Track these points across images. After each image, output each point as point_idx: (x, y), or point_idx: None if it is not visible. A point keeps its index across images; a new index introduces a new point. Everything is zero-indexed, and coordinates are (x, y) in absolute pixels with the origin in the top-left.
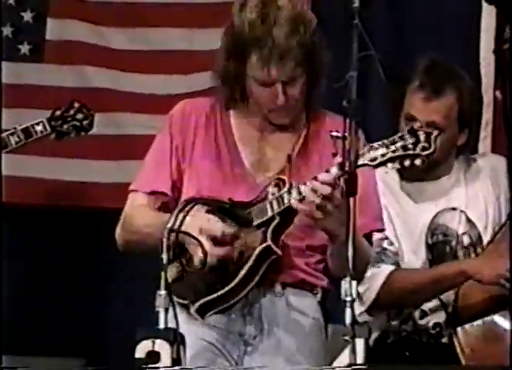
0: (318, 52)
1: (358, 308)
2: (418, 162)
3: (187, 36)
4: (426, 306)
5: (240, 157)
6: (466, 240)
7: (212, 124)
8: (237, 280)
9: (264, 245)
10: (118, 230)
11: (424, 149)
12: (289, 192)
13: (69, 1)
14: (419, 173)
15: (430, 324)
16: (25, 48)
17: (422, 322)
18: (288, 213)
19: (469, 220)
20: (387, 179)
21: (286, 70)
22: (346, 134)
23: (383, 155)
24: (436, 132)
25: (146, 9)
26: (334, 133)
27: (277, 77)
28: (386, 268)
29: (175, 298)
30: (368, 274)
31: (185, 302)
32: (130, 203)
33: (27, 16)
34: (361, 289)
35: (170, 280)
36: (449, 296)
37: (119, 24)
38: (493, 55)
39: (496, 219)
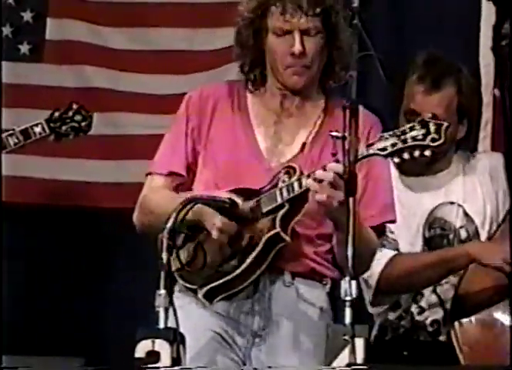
0: (339, 22)
1: (368, 294)
2: (428, 153)
3: (187, 36)
4: (424, 302)
5: (256, 141)
6: (463, 234)
7: (229, 107)
8: (244, 266)
9: (272, 232)
10: (135, 213)
11: (434, 140)
12: (299, 180)
13: (68, 1)
14: (417, 167)
15: (428, 321)
16: (24, 48)
17: (419, 318)
18: (298, 201)
19: (466, 215)
20: None
21: (303, 18)
22: (346, 134)
23: (393, 145)
24: (446, 124)
25: (145, 9)
26: (334, 133)
27: (295, 23)
28: (388, 252)
29: (183, 283)
30: None
31: (193, 287)
32: (148, 185)
33: (27, 16)
34: (365, 275)
35: (178, 265)
36: (446, 292)
37: (119, 24)
38: (492, 54)
39: (494, 214)
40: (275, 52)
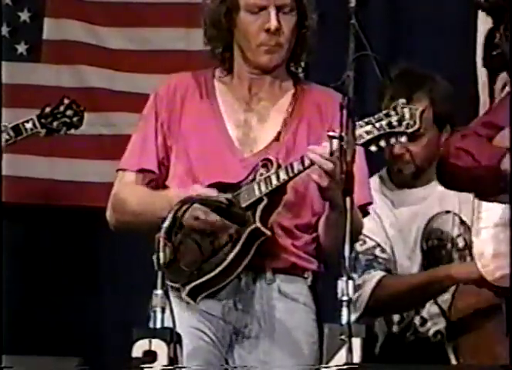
0: (309, 2)
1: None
2: (403, 139)
3: (184, 36)
4: (425, 312)
5: (227, 131)
6: (460, 242)
7: (198, 97)
8: (226, 262)
9: (252, 227)
10: (108, 212)
11: (409, 126)
12: (277, 173)
13: (66, 1)
14: (408, 179)
15: (431, 332)
16: (22, 48)
17: (422, 330)
18: (276, 194)
19: (463, 223)
20: (382, 188)
21: None
22: (343, 134)
23: (368, 133)
24: (421, 108)
25: (142, 9)
26: (331, 133)
27: None
28: (376, 275)
29: (167, 282)
30: (360, 281)
31: (177, 285)
32: (119, 182)
33: (24, 16)
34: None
35: (162, 262)
36: (447, 302)
37: (116, 24)
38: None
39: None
40: (248, 30)
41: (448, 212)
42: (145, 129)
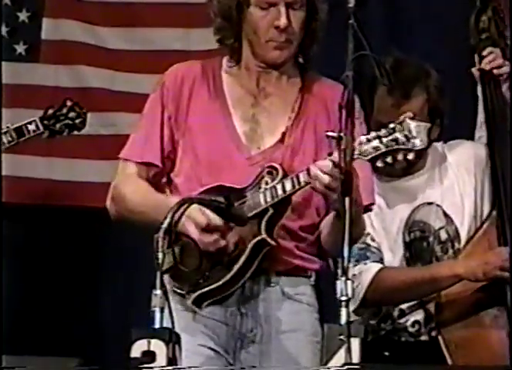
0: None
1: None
2: (411, 156)
3: (183, 36)
4: (405, 305)
5: (234, 125)
6: (443, 235)
7: (205, 89)
8: (232, 272)
9: (258, 238)
10: (109, 202)
11: (417, 143)
12: (282, 183)
13: (64, 1)
14: (395, 170)
15: (409, 322)
16: (20, 48)
17: (400, 321)
18: (282, 205)
19: (445, 215)
20: None
21: None
22: (342, 134)
23: (375, 148)
24: (428, 125)
25: (141, 9)
26: (330, 134)
27: None
28: (374, 266)
29: (174, 284)
30: (356, 271)
31: (182, 292)
32: (121, 172)
33: (23, 16)
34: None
35: (166, 266)
36: None
37: (115, 24)
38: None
39: (472, 212)
40: (257, 26)
41: (430, 203)
42: (150, 120)
